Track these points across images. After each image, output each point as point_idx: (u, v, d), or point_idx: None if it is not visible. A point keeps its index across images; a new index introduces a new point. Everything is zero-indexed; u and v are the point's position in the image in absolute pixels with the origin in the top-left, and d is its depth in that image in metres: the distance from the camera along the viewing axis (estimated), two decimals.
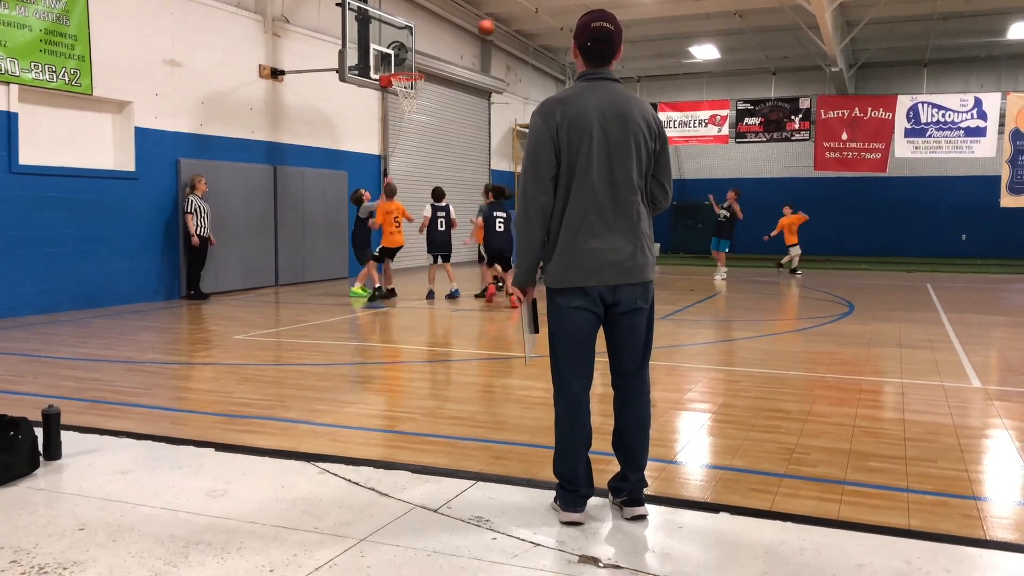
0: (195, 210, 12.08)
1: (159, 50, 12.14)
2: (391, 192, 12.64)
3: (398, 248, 12.71)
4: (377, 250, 12.68)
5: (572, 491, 3.49)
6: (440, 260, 12.78)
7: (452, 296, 12.60)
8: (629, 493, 3.55)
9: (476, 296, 12.91)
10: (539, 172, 3.36)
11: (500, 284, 12.88)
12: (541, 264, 3.49)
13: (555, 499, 3.59)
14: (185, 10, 12.51)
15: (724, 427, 5.28)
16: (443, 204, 12.62)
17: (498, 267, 12.43)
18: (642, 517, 3.51)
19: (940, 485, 4.08)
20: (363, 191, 13.25)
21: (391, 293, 12.84)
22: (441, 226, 12.54)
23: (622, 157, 3.36)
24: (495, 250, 12.37)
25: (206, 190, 12.31)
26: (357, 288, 12.83)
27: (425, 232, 12.60)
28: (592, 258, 3.35)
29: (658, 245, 25.62)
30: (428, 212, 12.55)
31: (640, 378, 3.57)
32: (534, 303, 3.62)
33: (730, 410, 5.70)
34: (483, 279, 13.30)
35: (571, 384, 3.49)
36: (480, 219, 12.76)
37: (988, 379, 6.90)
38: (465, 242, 15.32)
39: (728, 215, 16.59)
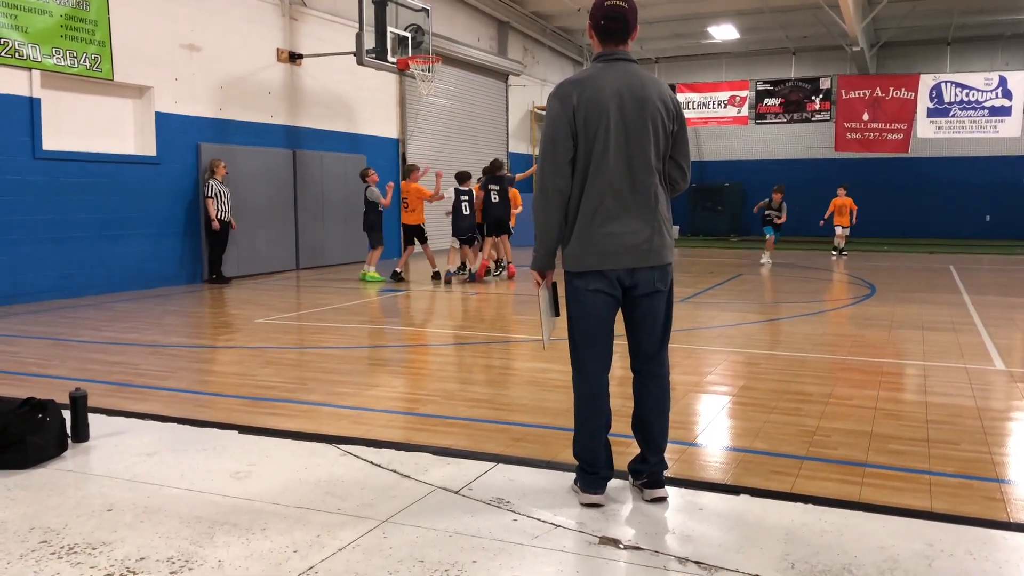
0: (215, 194, 12.16)
1: (178, 35, 12.19)
2: (406, 173, 13.03)
3: (415, 227, 12.76)
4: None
5: (592, 473, 3.51)
6: (463, 244, 12.84)
7: (460, 275, 12.73)
8: (649, 475, 3.56)
9: (468, 280, 12.84)
10: (556, 156, 3.36)
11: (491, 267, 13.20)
12: (561, 248, 3.49)
13: (575, 481, 3.60)
14: None
15: (744, 409, 5.27)
16: (466, 188, 12.61)
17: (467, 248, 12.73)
18: (662, 499, 3.52)
19: (963, 467, 4.06)
20: (370, 170, 13.11)
21: (396, 277, 12.75)
22: (465, 210, 12.53)
23: (640, 139, 3.34)
24: (494, 218, 12.64)
25: (226, 174, 12.37)
26: (371, 271, 12.81)
27: (451, 216, 12.68)
28: (610, 241, 3.34)
29: (677, 227, 25.67)
30: (452, 195, 12.55)
31: (659, 361, 3.57)
32: (554, 286, 3.62)
33: (750, 392, 5.69)
34: (470, 259, 12.99)
35: (589, 366, 3.50)
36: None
37: (1012, 361, 6.83)
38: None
39: (778, 213, 16.27)
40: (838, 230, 18.03)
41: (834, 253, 18.05)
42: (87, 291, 10.98)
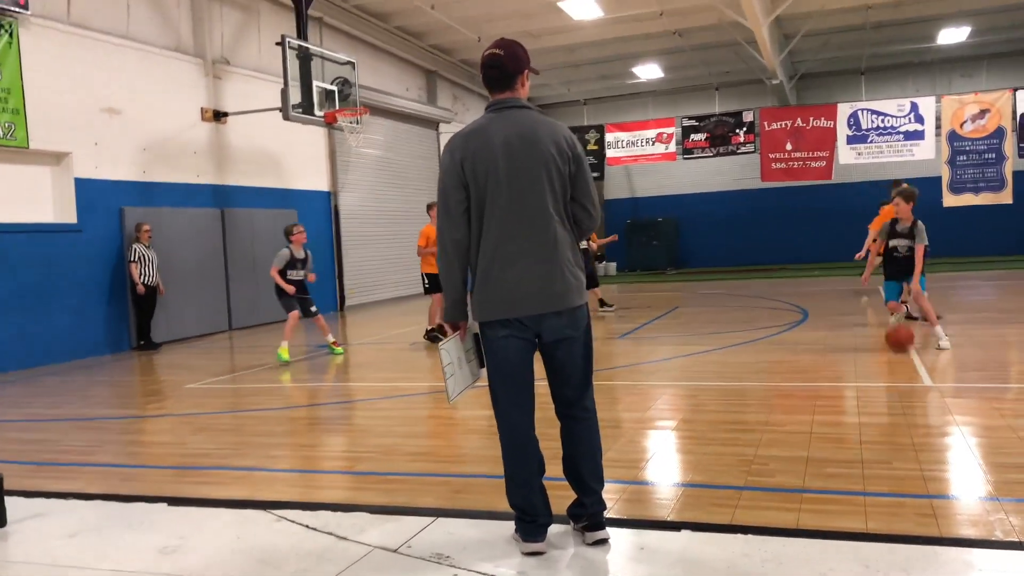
0: (139, 258, 11.85)
1: (96, 98, 11.97)
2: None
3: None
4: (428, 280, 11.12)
5: (530, 521, 3.45)
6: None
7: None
8: (589, 517, 3.51)
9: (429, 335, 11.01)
10: (450, 208, 3.38)
11: None
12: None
13: (516, 530, 3.54)
14: (122, 57, 12.36)
15: (685, 443, 5.29)
16: None
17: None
18: (603, 541, 3.48)
19: (896, 486, 4.12)
20: (297, 227, 10.54)
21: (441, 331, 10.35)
22: None
23: (532, 184, 3.33)
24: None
25: (151, 238, 12.08)
26: (283, 349, 10.05)
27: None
28: (508, 288, 3.32)
29: (614, 263, 25.99)
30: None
31: (582, 405, 3.52)
32: (476, 337, 3.57)
33: (690, 425, 5.72)
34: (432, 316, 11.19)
35: (512, 414, 3.45)
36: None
37: (940, 378, 7.01)
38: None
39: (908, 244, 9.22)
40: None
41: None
42: (9, 366, 10.53)
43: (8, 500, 4.29)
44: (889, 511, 3.77)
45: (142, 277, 11.87)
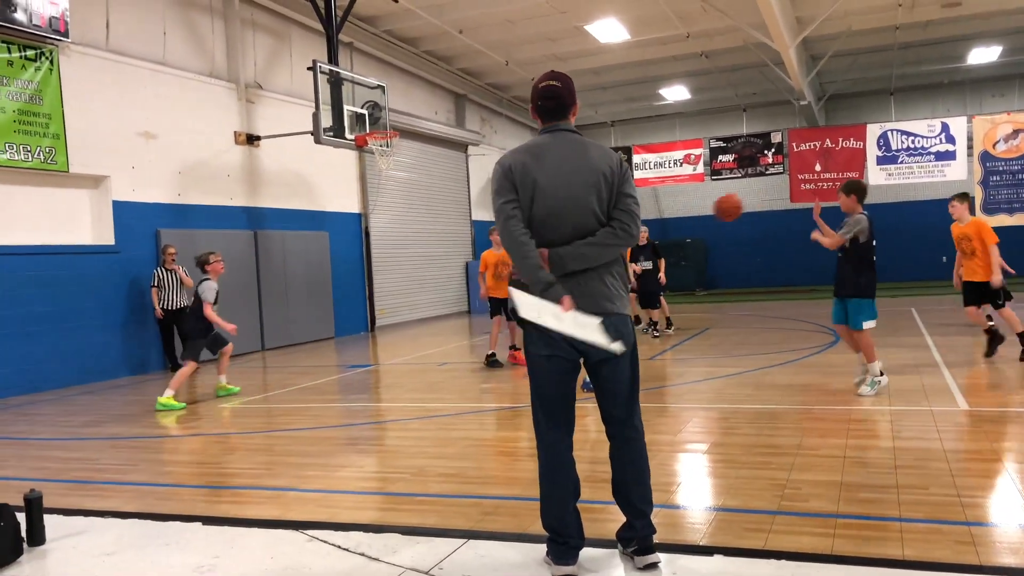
0: (159, 283, 11.76)
1: (134, 123, 12.24)
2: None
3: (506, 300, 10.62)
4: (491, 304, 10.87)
5: (562, 543, 3.46)
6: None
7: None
8: (639, 541, 3.50)
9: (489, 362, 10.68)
10: (507, 214, 3.42)
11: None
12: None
13: (547, 553, 3.54)
14: (158, 82, 12.64)
15: (717, 466, 5.25)
16: None
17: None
18: (654, 565, 3.47)
19: (932, 512, 4.06)
20: (214, 255, 9.34)
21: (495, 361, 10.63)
22: None
23: (580, 196, 3.42)
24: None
25: (174, 260, 11.81)
26: (169, 397, 8.75)
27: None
28: (552, 294, 3.35)
29: None
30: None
31: (631, 424, 3.55)
32: (604, 323, 3.38)
33: (722, 448, 5.68)
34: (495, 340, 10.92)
35: (549, 435, 3.48)
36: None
37: (977, 401, 6.91)
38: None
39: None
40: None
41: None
42: (46, 385, 10.73)
43: (47, 518, 4.37)
44: (926, 538, 3.71)
45: (161, 302, 11.74)
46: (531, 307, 3.37)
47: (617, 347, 3.36)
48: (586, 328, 3.30)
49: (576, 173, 3.45)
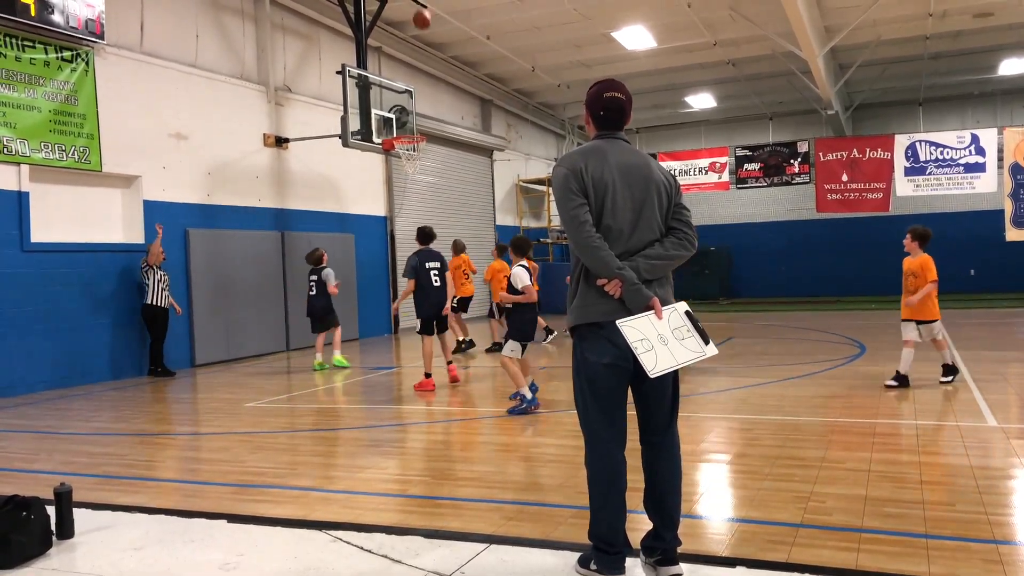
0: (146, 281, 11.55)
1: (166, 124, 12.41)
2: (459, 248, 13.57)
3: (470, 298, 13.55)
4: (455, 301, 13.00)
5: (615, 553, 3.43)
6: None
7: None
8: (663, 552, 3.49)
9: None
10: (577, 215, 3.35)
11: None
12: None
13: (585, 563, 3.52)
14: (189, 84, 12.82)
15: (740, 477, 5.23)
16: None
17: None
18: None
19: (959, 529, 4.02)
20: (322, 251, 12.32)
21: (470, 344, 13.43)
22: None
23: (645, 204, 3.44)
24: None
25: (163, 259, 11.64)
26: (339, 356, 12.09)
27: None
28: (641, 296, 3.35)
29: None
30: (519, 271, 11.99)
31: (671, 433, 3.56)
32: (688, 314, 3.45)
33: (745, 459, 5.66)
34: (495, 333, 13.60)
35: (606, 443, 3.44)
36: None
37: (1005, 417, 6.83)
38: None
39: None
40: None
41: None
42: (77, 381, 10.90)
43: (76, 512, 4.44)
44: (953, 555, 3.68)
45: (153, 298, 11.47)
46: (637, 335, 3.27)
47: (712, 350, 3.39)
48: (688, 350, 3.31)
49: (645, 181, 3.46)
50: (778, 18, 15.43)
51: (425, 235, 10.00)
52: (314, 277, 11.98)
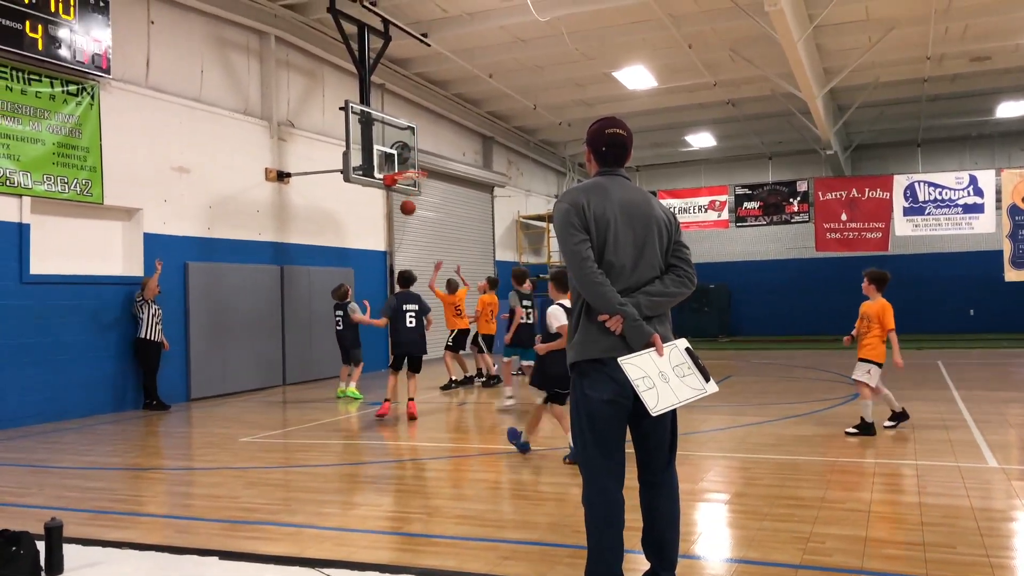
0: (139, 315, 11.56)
1: (168, 157, 12.49)
2: (453, 287, 13.79)
3: (466, 332, 13.80)
4: (450, 339, 13.67)
5: None
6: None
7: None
8: None
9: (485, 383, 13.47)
10: (579, 251, 3.34)
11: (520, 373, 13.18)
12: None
13: None
14: (193, 118, 12.92)
15: (738, 517, 5.18)
16: (528, 293, 12.25)
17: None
18: None
19: (961, 572, 3.97)
20: (347, 287, 12.77)
21: (467, 380, 13.74)
22: (529, 318, 12.00)
23: (646, 242, 3.44)
24: (527, 336, 11.69)
25: (159, 292, 11.62)
26: (353, 388, 12.63)
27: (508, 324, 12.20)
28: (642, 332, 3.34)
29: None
30: (515, 302, 12.14)
31: (670, 472, 3.53)
32: (689, 351, 3.45)
33: (744, 499, 5.60)
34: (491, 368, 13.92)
35: (605, 481, 3.39)
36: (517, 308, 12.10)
37: (1005, 458, 6.77)
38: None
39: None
40: None
41: None
42: (71, 414, 10.82)
43: (66, 548, 4.38)
44: None
45: (145, 332, 11.46)
46: (639, 373, 3.26)
47: (712, 387, 3.40)
48: (689, 387, 3.31)
49: (646, 218, 3.47)
50: (778, 59, 15.61)
51: (405, 279, 10.57)
52: (340, 312, 12.45)
